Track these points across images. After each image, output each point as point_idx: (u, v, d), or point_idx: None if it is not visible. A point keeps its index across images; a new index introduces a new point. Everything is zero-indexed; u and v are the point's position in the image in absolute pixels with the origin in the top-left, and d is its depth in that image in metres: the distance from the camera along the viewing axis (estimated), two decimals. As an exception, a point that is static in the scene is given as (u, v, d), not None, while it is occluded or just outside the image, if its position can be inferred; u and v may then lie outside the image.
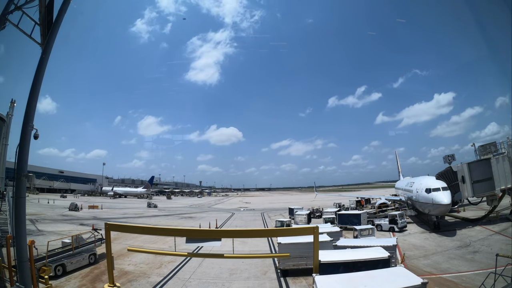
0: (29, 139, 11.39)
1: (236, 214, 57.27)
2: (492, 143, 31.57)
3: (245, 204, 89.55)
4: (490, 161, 29.80)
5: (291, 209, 48.31)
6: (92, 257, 21.02)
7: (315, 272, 11.82)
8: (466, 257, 20.77)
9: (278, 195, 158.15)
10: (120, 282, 16.12)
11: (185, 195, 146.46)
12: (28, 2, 12.30)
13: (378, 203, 46.06)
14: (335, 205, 54.74)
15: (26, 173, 11.14)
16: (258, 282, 17.43)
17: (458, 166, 31.84)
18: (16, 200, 11.35)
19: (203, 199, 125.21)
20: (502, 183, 28.97)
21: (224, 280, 17.78)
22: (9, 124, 30.68)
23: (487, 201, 31.75)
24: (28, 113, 11.44)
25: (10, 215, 21.82)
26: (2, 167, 29.81)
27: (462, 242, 24.72)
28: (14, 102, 31.54)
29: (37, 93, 11.71)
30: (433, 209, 29.42)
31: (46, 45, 12.21)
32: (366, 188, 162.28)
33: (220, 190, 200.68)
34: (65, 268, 18.72)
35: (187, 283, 17.34)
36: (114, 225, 14.38)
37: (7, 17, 12.21)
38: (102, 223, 17.64)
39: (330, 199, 67.37)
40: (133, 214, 54.86)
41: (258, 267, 20.02)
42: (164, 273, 19.01)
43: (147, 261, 21.74)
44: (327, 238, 19.65)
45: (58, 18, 12.54)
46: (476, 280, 15.59)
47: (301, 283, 17.01)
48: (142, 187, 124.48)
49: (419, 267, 18.99)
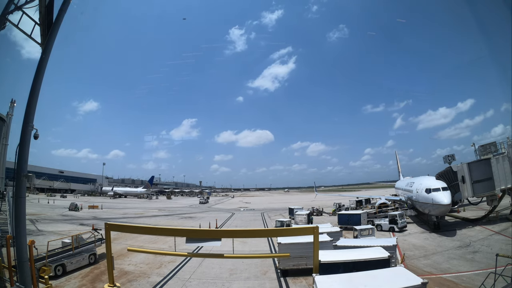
0: (29, 139, 11.38)
1: (236, 214, 57.27)
2: (492, 143, 31.56)
3: (245, 204, 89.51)
4: (490, 161, 29.78)
5: (291, 209, 48.35)
6: (92, 257, 21.02)
7: (315, 272, 11.80)
8: (466, 257, 20.77)
9: (278, 195, 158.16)
10: (120, 282, 16.13)
11: (185, 195, 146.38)
12: (28, 2, 12.29)
13: (378, 203, 46.04)
14: (335, 205, 54.80)
15: (26, 173, 11.13)
16: (258, 282, 17.42)
17: (458, 166, 31.81)
18: (16, 200, 11.33)
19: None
20: (502, 183, 28.93)
21: (224, 280, 17.77)
22: (9, 124, 30.75)
23: (487, 201, 31.73)
24: (28, 113, 11.43)
25: (10, 215, 21.81)
26: (2, 167, 29.86)
27: (462, 242, 24.72)
28: (14, 102, 31.61)
29: (37, 93, 11.69)
30: (433, 209, 29.41)
31: (46, 45, 12.20)
32: (366, 188, 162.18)
33: (220, 190, 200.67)
34: (65, 268, 18.73)
35: (187, 283, 17.34)
36: (114, 225, 14.33)
37: (7, 17, 12.20)
38: (102, 223, 17.62)
39: (330, 199, 67.34)
40: (133, 214, 54.84)
41: (258, 267, 20.01)
42: (164, 273, 19.01)
43: (147, 261, 21.74)
44: (327, 238, 19.66)
45: (58, 18, 12.53)
46: (476, 280, 15.58)
47: (301, 283, 17.00)
48: (142, 187, 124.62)
49: (419, 267, 18.99)
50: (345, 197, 66.33)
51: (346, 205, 54.55)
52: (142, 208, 69.91)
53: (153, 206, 77.08)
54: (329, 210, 52.66)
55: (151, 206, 77.26)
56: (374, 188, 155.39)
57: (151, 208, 70.44)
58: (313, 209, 50.85)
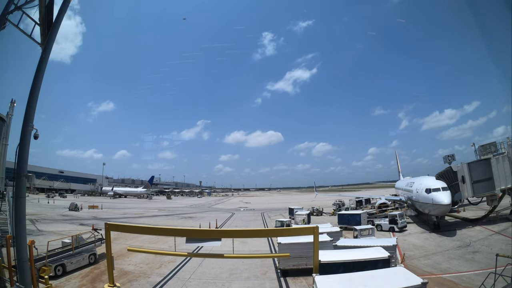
0: (29, 139, 11.39)
1: (236, 214, 57.25)
2: (492, 143, 31.55)
3: (245, 204, 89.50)
4: (490, 161, 29.78)
5: (291, 209, 48.32)
6: (92, 257, 21.01)
7: (315, 272, 11.80)
8: (466, 257, 20.76)
9: (278, 195, 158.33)
10: (120, 282, 16.12)
11: (185, 195, 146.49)
12: (28, 2, 12.31)
13: (378, 203, 46.08)
14: (335, 204, 54.86)
15: (26, 173, 11.14)
16: (258, 282, 17.42)
17: (458, 166, 31.79)
18: (16, 200, 11.34)
19: (203, 199, 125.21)
20: (502, 183, 28.92)
21: (224, 280, 17.77)
22: (9, 124, 30.75)
23: (487, 201, 31.72)
24: (28, 113, 11.44)
25: (10, 215, 21.82)
26: (2, 167, 29.87)
27: (462, 242, 24.72)
28: (14, 102, 31.61)
29: (37, 93, 11.70)
30: (433, 209, 29.41)
31: (46, 45, 12.22)
32: (366, 188, 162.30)
33: (220, 190, 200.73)
34: (65, 268, 18.72)
35: (187, 283, 17.34)
36: (114, 225, 14.33)
37: (7, 17, 12.22)
38: (102, 223, 17.62)
39: (330, 199, 67.21)
40: (133, 214, 54.84)
41: (258, 267, 20.01)
42: (164, 273, 19.01)
43: (147, 261, 21.74)
44: (327, 238, 19.65)
45: (58, 18, 12.55)
46: (476, 280, 15.58)
47: (301, 283, 17.00)
48: (142, 187, 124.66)
49: (419, 267, 18.98)
50: (345, 197, 66.17)
51: (346, 205, 54.60)
52: (142, 208, 69.93)
53: (153, 206, 77.11)
54: (329, 210, 52.65)
55: (151, 206, 77.29)
56: (374, 188, 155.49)
57: (151, 208, 70.46)
58: (313, 209, 50.91)
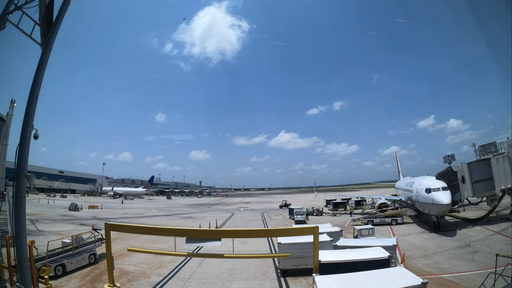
0: (29, 139, 11.37)
1: (236, 214, 57.25)
2: (492, 143, 31.55)
3: (245, 204, 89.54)
4: (490, 161, 29.78)
5: (291, 209, 48.35)
6: (92, 257, 21.01)
7: (315, 272, 11.81)
8: (466, 257, 20.77)
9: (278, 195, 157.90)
10: (120, 282, 16.11)
11: (185, 195, 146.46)
12: (28, 2, 12.28)
13: (378, 203, 46.09)
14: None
15: (26, 173, 11.13)
16: (258, 282, 17.42)
17: (458, 166, 31.81)
18: (16, 200, 11.33)
19: (203, 199, 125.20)
20: (502, 183, 28.94)
21: (224, 280, 17.77)
22: (9, 124, 30.76)
23: (487, 201, 31.71)
24: (28, 113, 11.42)
25: (10, 215, 21.83)
26: (2, 167, 29.87)
27: (462, 242, 24.72)
28: (14, 102, 31.64)
29: (37, 93, 11.68)
30: (433, 209, 29.41)
31: (46, 45, 12.19)
32: (366, 188, 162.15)
33: (220, 190, 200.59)
34: (65, 268, 18.72)
35: (187, 283, 17.33)
36: (114, 225, 14.37)
37: (7, 17, 12.20)
38: (102, 223, 17.62)
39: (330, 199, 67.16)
40: (133, 214, 54.84)
41: (258, 267, 20.01)
42: (164, 273, 19.01)
43: (147, 261, 21.74)
44: (327, 238, 19.64)
45: (58, 18, 12.52)
46: (476, 280, 15.56)
47: (301, 283, 17.00)
48: (142, 187, 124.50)
49: (419, 267, 18.98)
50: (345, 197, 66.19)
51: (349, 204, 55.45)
52: (142, 208, 69.93)
53: (152, 206, 77.11)
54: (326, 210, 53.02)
55: (151, 206, 77.29)
56: (374, 188, 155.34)
57: (151, 208, 70.46)
58: (313, 209, 51.00)
